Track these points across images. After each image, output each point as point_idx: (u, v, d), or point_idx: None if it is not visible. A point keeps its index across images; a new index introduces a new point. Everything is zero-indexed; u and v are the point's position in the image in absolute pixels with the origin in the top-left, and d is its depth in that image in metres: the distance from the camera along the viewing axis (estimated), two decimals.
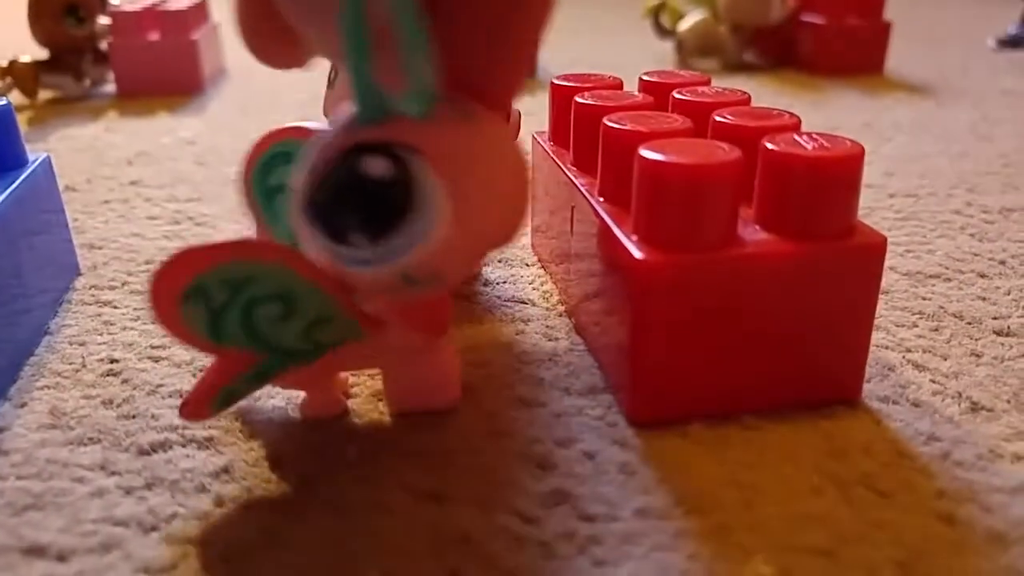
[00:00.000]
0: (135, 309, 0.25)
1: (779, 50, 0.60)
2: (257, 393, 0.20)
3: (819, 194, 0.19)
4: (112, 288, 0.27)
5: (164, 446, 0.19)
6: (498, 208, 0.16)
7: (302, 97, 0.54)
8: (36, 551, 0.16)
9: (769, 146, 0.19)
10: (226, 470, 0.18)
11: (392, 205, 0.14)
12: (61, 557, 0.16)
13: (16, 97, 0.52)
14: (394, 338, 0.18)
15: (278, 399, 0.20)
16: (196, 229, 0.32)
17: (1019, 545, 0.16)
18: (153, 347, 0.23)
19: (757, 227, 0.19)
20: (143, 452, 0.19)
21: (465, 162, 0.15)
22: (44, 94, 0.53)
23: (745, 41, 0.60)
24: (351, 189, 0.14)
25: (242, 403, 0.20)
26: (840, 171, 0.19)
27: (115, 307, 0.25)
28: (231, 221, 0.33)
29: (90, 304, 0.26)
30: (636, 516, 0.17)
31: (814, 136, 0.20)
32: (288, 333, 0.16)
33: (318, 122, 0.21)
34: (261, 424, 0.20)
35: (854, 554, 0.16)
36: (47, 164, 0.26)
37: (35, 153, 0.26)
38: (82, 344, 0.23)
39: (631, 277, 0.18)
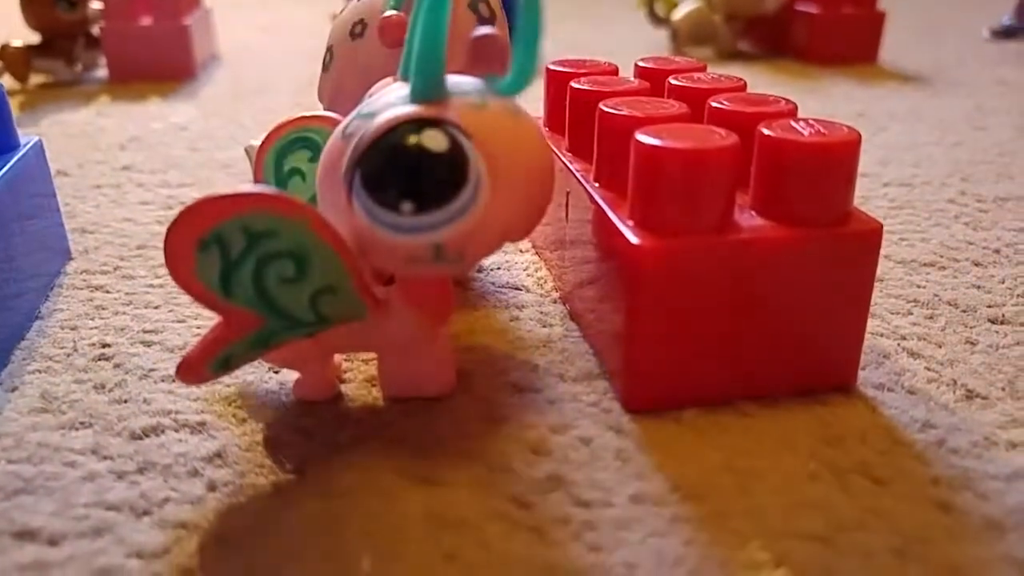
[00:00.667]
0: (127, 294, 0.25)
1: (773, 39, 0.60)
2: (251, 377, 0.20)
3: (815, 180, 0.19)
4: (104, 272, 0.27)
5: (156, 430, 0.19)
6: (526, 200, 0.17)
7: (294, 83, 0.53)
8: (27, 535, 0.16)
9: (766, 132, 0.19)
10: (219, 455, 0.18)
11: (443, 179, 0.16)
12: (52, 541, 0.16)
13: (7, 81, 0.51)
14: (395, 323, 0.18)
15: (271, 383, 0.20)
16: None
17: (1015, 532, 0.16)
18: (145, 331, 0.23)
19: (753, 213, 0.19)
20: (135, 436, 0.18)
21: (507, 152, 0.16)
22: (36, 79, 0.53)
23: (739, 30, 0.60)
24: (406, 158, 0.16)
25: (235, 387, 0.20)
26: (837, 157, 0.19)
27: (107, 292, 0.25)
28: None
29: (82, 288, 0.25)
30: (631, 502, 0.17)
31: (811, 122, 0.20)
32: (295, 297, 0.17)
33: (331, 112, 0.21)
34: (254, 409, 0.19)
35: (850, 541, 0.16)
36: (39, 148, 0.26)
37: (27, 137, 0.26)
38: (74, 328, 0.23)
39: (627, 262, 0.18)
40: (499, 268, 0.27)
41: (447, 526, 0.16)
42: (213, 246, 0.16)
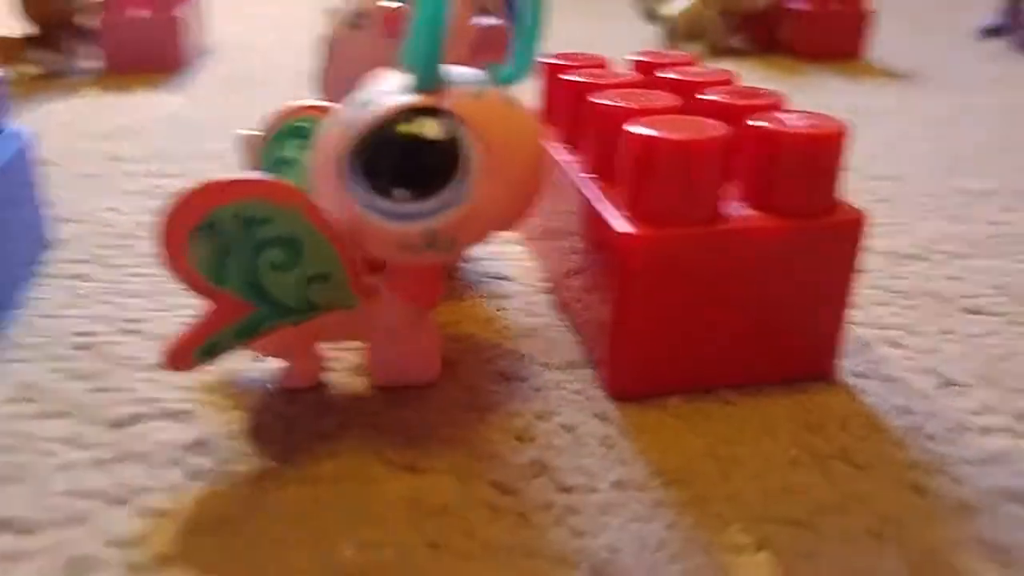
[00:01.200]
0: (109, 283, 0.25)
1: (765, 35, 0.60)
2: (234, 366, 0.20)
3: (802, 171, 0.19)
4: (86, 262, 0.26)
5: (136, 419, 0.18)
6: (519, 190, 0.17)
7: (285, 76, 0.53)
8: (1, 525, 0.16)
9: (754, 123, 0.19)
10: (201, 443, 0.18)
11: (438, 167, 0.16)
12: (27, 530, 0.16)
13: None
14: (383, 312, 0.18)
15: (255, 372, 0.20)
16: None
17: (987, 514, 0.16)
18: (127, 320, 0.23)
19: (741, 203, 0.19)
20: (115, 425, 0.18)
21: (502, 142, 0.16)
22: (27, 69, 0.52)
23: (732, 26, 0.60)
24: (401, 146, 0.16)
25: (217, 376, 0.20)
26: (823, 148, 0.19)
27: (88, 280, 0.25)
28: None
29: (63, 277, 0.25)
30: (614, 487, 0.17)
31: (798, 114, 0.20)
32: (286, 285, 0.17)
33: (328, 101, 0.21)
34: (237, 397, 0.19)
35: (830, 524, 0.16)
36: (27, 136, 0.26)
37: (13, 125, 0.26)
38: (54, 317, 0.23)
39: (616, 251, 0.18)
40: (486, 258, 0.27)
41: (431, 514, 0.16)
42: (207, 232, 0.16)
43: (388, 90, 0.16)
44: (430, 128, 0.16)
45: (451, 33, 0.16)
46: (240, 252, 0.16)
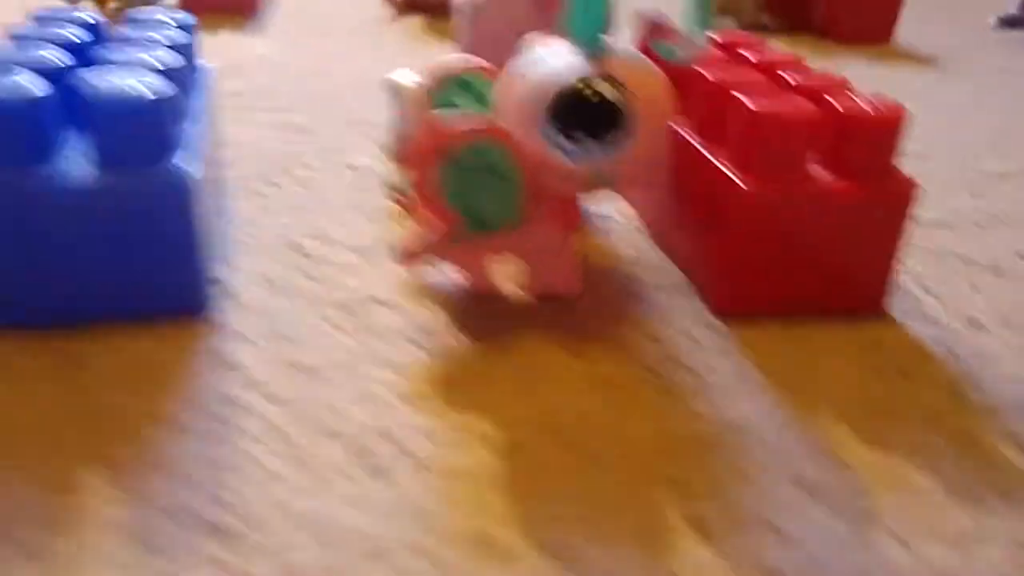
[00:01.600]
0: (284, 202, 0.30)
1: (796, 14, 0.64)
2: (422, 273, 0.25)
3: (870, 145, 0.24)
4: (259, 182, 0.31)
5: (361, 304, 0.24)
6: (658, 141, 0.22)
7: (343, 26, 0.57)
8: (296, 366, 0.21)
9: (834, 104, 0.24)
10: (416, 326, 0.23)
11: (612, 120, 0.21)
12: (315, 371, 0.21)
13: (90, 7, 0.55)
14: (538, 233, 0.23)
15: (439, 277, 0.25)
16: (304, 137, 0.36)
17: (1011, 413, 0.22)
18: (317, 231, 0.28)
19: (820, 167, 0.25)
20: (345, 307, 0.24)
21: (651, 104, 0.21)
22: (111, 3, 0.56)
23: (762, 3, 0.64)
24: (586, 103, 0.21)
25: (410, 279, 0.25)
26: (888, 127, 0.24)
27: (268, 197, 0.30)
28: (333, 129, 0.37)
29: (247, 195, 0.30)
30: (730, 375, 0.22)
31: (868, 97, 0.25)
32: (490, 205, 0.22)
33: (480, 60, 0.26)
34: (430, 295, 0.25)
35: (889, 413, 0.21)
36: (210, 70, 0.31)
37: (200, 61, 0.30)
38: (254, 225, 0.28)
39: (732, 199, 0.24)
40: (592, 204, 0.32)
41: (601, 384, 0.22)
42: (454, 163, 0.21)
43: (571, 60, 0.21)
44: (606, 90, 0.21)
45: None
46: (471, 178, 0.21)
